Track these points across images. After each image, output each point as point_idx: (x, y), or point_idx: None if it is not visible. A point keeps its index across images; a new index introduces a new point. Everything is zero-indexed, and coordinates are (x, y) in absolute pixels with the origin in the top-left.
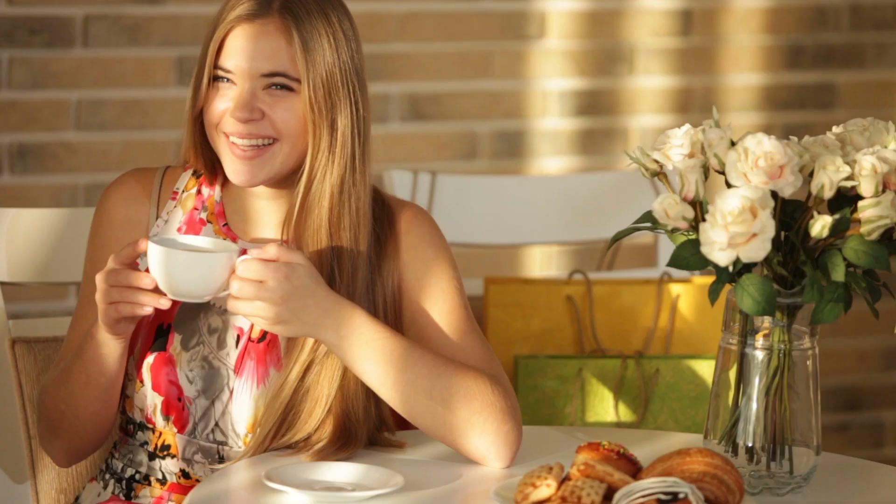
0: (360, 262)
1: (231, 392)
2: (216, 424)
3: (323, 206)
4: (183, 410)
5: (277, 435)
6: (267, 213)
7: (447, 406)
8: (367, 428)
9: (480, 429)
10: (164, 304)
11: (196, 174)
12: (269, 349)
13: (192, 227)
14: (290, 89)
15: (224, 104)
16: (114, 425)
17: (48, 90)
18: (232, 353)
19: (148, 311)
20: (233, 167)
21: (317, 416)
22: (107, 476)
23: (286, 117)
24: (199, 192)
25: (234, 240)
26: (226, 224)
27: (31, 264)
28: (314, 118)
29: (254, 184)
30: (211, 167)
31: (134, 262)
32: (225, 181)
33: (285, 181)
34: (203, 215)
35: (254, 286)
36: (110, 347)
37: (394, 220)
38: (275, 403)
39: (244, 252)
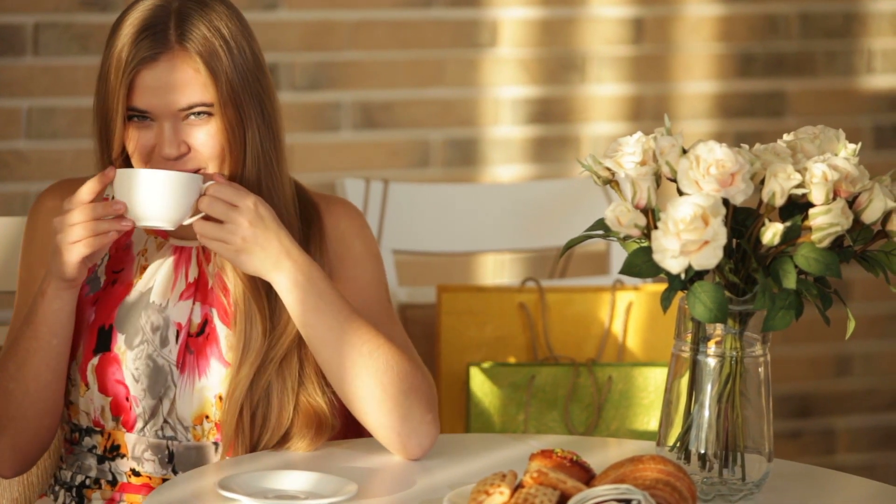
0: None
1: (176, 388)
2: (164, 421)
3: None
4: (131, 410)
5: (252, 438)
6: None
7: (377, 380)
8: (335, 414)
9: (405, 412)
10: (126, 225)
11: None
12: (209, 342)
13: None
14: (208, 114)
15: (148, 140)
16: (59, 424)
17: None
18: (173, 350)
19: (112, 237)
20: None
21: (287, 413)
22: (56, 488)
23: (210, 143)
24: None
25: (164, 238)
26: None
27: None
28: (230, 138)
29: None
30: None
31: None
32: None
33: None
34: None
35: (225, 206)
36: (63, 300)
37: (320, 214)
38: (229, 403)
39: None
